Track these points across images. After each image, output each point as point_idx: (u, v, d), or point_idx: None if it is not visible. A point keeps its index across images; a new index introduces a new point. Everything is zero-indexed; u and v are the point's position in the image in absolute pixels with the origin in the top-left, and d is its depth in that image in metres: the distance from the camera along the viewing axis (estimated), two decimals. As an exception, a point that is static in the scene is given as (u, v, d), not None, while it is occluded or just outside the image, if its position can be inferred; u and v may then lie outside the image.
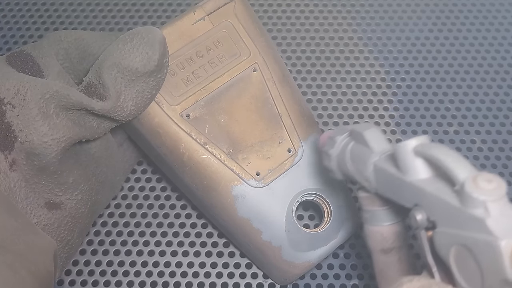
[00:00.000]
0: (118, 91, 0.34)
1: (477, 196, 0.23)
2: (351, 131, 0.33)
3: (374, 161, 0.30)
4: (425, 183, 0.26)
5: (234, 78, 0.39)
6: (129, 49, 0.34)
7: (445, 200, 0.25)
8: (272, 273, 0.41)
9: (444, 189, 0.25)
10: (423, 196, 0.26)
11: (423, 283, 0.25)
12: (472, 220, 0.23)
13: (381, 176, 0.30)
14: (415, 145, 0.27)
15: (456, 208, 0.24)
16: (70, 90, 0.33)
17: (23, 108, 0.32)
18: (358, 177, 0.31)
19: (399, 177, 0.28)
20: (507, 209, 0.23)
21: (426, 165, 0.27)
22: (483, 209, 0.23)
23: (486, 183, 0.23)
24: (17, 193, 0.33)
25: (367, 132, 0.31)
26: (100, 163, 0.38)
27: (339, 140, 0.33)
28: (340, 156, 0.33)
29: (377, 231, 0.32)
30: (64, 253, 0.37)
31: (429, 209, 0.26)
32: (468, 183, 0.23)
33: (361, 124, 0.32)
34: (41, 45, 0.37)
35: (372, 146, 0.30)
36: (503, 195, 0.23)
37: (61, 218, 0.35)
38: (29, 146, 0.32)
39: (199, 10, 0.39)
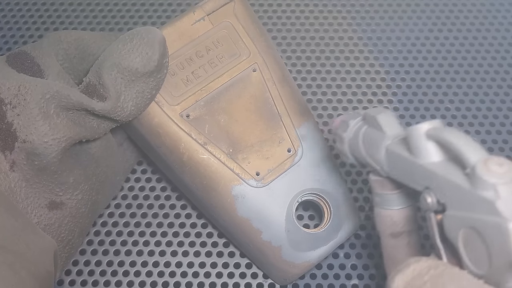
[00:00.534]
0: (118, 92, 0.34)
1: (488, 179, 0.23)
2: (364, 114, 0.33)
3: (386, 145, 0.30)
4: (437, 166, 0.27)
5: (233, 78, 0.39)
6: (129, 50, 0.34)
7: (456, 182, 0.25)
8: (272, 273, 0.41)
9: (455, 172, 0.25)
10: (434, 179, 0.27)
11: (430, 263, 0.25)
12: (482, 202, 0.23)
13: (393, 160, 0.30)
14: (428, 129, 0.27)
15: (467, 191, 0.24)
16: (70, 90, 0.33)
17: (24, 108, 0.32)
18: (370, 161, 0.32)
19: (411, 160, 0.28)
20: None
21: (438, 148, 0.27)
22: (493, 192, 0.23)
23: (497, 166, 0.23)
24: (18, 193, 0.33)
25: (380, 115, 0.31)
26: (100, 163, 0.38)
27: (352, 124, 0.33)
28: (352, 139, 0.33)
29: (388, 215, 0.32)
30: (64, 253, 0.37)
31: (439, 192, 0.26)
32: (479, 166, 0.24)
33: (375, 108, 0.33)
34: (41, 45, 0.37)
35: (385, 129, 0.31)
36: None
37: (62, 218, 0.35)
38: (29, 146, 0.32)
39: (199, 10, 0.39)
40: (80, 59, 0.37)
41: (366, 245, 0.43)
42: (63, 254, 0.37)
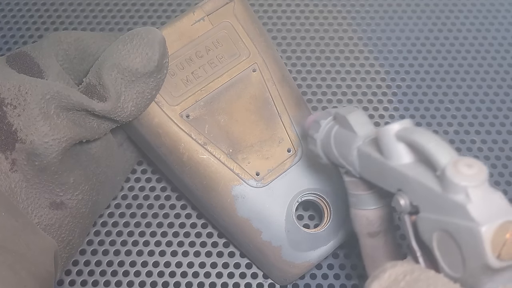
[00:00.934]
0: (118, 92, 0.34)
1: (458, 182, 0.23)
2: (335, 114, 0.32)
3: (358, 146, 0.30)
4: (408, 168, 0.26)
5: (233, 78, 0.39)
6: (129, 50, 0.34)
7: (427, 185, 0.25)
8: (272, 273, 0.41)
9: (426, 174, 0.25)
10: (405, 181, 0.26)
11: (406, 268, 0.25)
12: (453, 205, 0.23)
13: (365, 161, 0.29)
14: (398, 130, 0.27)
15: (438, 194, 0.24)
16: (70, 90, 0.33)
17: (24, 108, 0.32)
18: (342, 162, 0.31)
19: (382, 161, 0.28)
20: (488, 194, 0.23)
21: (409, 149, 0.27)
22: (464, 195, 0.23)
23: (467, 168, 0.23)
24: (18, 193, 0.33)
25: (351, 115, 0.30)
26: (100, 163, 0.38)
27: (323, 124, 0.33)
28: (324, 140, 0.32)
29: (363, 215, 0.32)
30: (65, 253, 0.37)
31: (411, 194, 0.26)
32: (449, 169, 0.23)
33: (345, 107, 0.32)
34: (40, 46, 0.37)
35: (356, 130, 0.30)
36: (484, 180, 0.23)
37: (62, 218, 0.35)
38: (30, 146, 0.32)
39: (199, 11, 0.39)
40: (80, 59, 0.37)
41: (366, 245, 0.43)
42: (63, 254, 0.37)
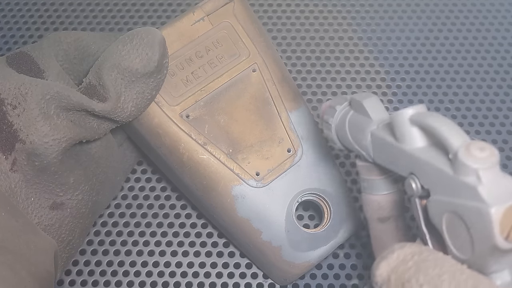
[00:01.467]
0: (118, 92, 0.34)
1: (470, 164, 0.23)
2: (350, 99, 0.33)
3: (372, 130, 0.30)
4: (421, 151, 0.27)
5: (233, 78, 0.39)
6: (128, 50, 0.34)
7: (439, 168, 0.25)
8: (272, 273, 0.41)
9: (439, 158, 0.25)
10: (418, 164, 0.27)
11: (414, 249, 0.25)
12: (464, 187, 0.23)
13: (378, 145, 0.30)
14: (412, 114, 0.27)
15: (449, 176, 0.24)
16: (70, 91, 0.33)
17: (24, 108, 0.32)
18: (356, 147, 0.31)
19: (395, 145, 0.28)
20: (498, 177, 0.23)
21: (422, 133, 0.27)
22: (475, 177, 0.23)
23: (479, 151, 0.23)
24: (18, 193, 0.33)
25: (366, 100, 0.31)
26: (100, 163, 0.38)
27: (339, 109, 0.33)
28: (339, 125, 0.33)
29: (374, 200, 0.32)
30: (65, 253, 0.37)
31: (423, 177, 0.26)
32: (461, 151, 0.24)
33: (361, 93, 0.32)
34: (40, 46, 0.37)
35: (371, 115, 0.31)
36: (495, 163, 0.23)
37: (62, 218, 0.36)
38: (30, 146, 0.32)
39: (199, 11, 0.39)
40: (80, 59, 0.37)
41: (366, 245, 0.43)
42: (63, 254, 0.37)
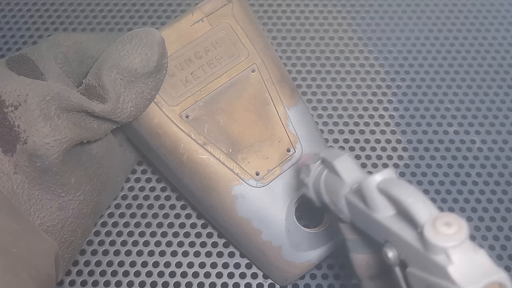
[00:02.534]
0: (117, 93, 0.34)
1: (437, 243, 0.22)
2: (322, 159, 0.31)
3: (345, 193, 0.29)
4: (392, 221, 0.25)
5: (232, 78, 0.39)
6: (128, 51, 0.34)
7: (409, 242, 0.24)
8: (272, 273, 0.41)
9: (408, 230, 0.24)
10: (390, 234, 0.25)
11: None
12: (435, 266, 0.22)
13: (353, 209, 0.28)
14: (379, 182, 0.26)
15: (420, 252, 0.23)
16: (70, 92, 0.33)
17: (25, 110, 0.33)
18: (334, 207, 0.30)
19: (367, 212, 0.27)
20: (469, 254, 0.22)
21: (391, 202, 0.26)
22: (444, 256, 0.22)
23: (446, 227, 0.22)
24: (20, 194, 0.33)
25: (337, 161, 0.29)
26: (102, 164, 0.38)
27: (313, 168, 0.32)
28: (315, 184, 0.32)
29: (362, 258, 0.31)
30: (67, 254, 0.37)
31: (398, 248, 0.25)
32: (427, 229, 0.22)
33: (333, 151, 0.31)
34: (40, 48, 0.37)
35: (343, 176, 0.29)
36: (465, 239, 0.22)
37: (65, 219, 0.36)
38: (31, 147, 0.32)
39: (198, 12, 0.40)
40: (79, 62, 0.37)
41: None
42: (66, 255, 0.37)
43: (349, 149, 0.47)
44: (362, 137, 0.47)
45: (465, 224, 0.22)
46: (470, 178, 0.46)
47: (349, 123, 0.48)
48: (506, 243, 0.43)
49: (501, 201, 0.45)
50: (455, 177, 0.46)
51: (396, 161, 0.46)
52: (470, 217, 0.44)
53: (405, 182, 0.25)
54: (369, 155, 0.47)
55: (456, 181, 0.45)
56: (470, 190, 0.45)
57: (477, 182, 0.45)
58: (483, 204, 0.44)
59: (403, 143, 0.47)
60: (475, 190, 0.45)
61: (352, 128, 0.48)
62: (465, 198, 0.45)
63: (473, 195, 0.45)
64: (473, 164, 0.46)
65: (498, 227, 0.43)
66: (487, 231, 0.43)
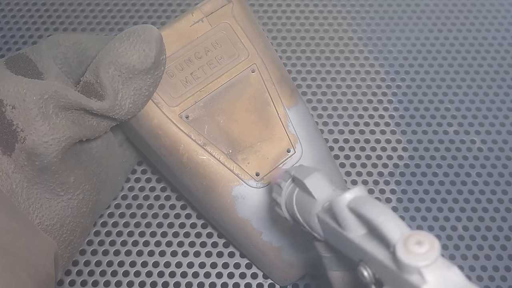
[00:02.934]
0: (115, 90, 0.34)
1: (409, 263, 0.21)
2: (293, 177, 0.31)
3: (317, 212, 0.28)
4: (364, 240, 0.25)
5: (232, 79, 0.39)
6: (125, 47, 0.34)
7: (383, 261, 0.23)
8: (272, 273, 0.41)
9: (381, 249, 0.24)
10: (364, 253, 0.25)
11: None
12: (409, 285, 0.22)
13: (325, 228, 0.28)
14: (349, 200, 0.25)
15: (394, 271, 0.23)
16: (68, 90, 0.33)
17: (23, 108, 0.33)
18: (307, 226, 0.30)
19: (339, 231, 0.26)
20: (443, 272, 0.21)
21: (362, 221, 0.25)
22: (418, 275, 0.21)
23: (417, 246, 0.21)
24: (19, 194, 0.33)
25: (308, 179, 0.29)
26: (101, 163, 0.38)
27: (284, 187, 0.31)
28: (288, 203, 0.31)
29: (338, 276, 0.30)
30: (66, 253, 0.37)
31: (372, 267, 0.25)
32: (399, 248, 0.22)
33: (304, 169, 0.30)
34: (39, 48, 0.37)
35: (314, 194, 0.28)
36: (437, 257, 0.21)
37: (64, 218, 0.36)
38: (30, 146, 0.32)
39: (197, 12, 0.40)
40: (79, 62, 0.37)
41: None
42: (65, 254, 0.37)
43: (349, 149, 0.47)
44: (362, 137, 0.47)
45: (437, 241, 0.22)
46: (470, 178, 0.46)
47: (349, 123, 0.48)
48: (506, 243, 0.43)
49: (501, 201, 0.45)
50: (455, 177, 0.46)
51: (396, 161, 0.46)
52: (470, 217, 0.44)
53: (375, 200, 0.25)
54: (369, 155, 0.47)
55: (456, 181, 0.45)
56: (470, 190, 0.45)
57: (477, 182, 0.45)
58: (483, 204, 0.44)
59: (403, 143, 0.47)
60: (475, 190, 0.45)
61: (352, 128, 0.48)
62: (465, 198, 0.45)
63: (473, 195, 0.45)
64: (473, 164, 0.46)
65: (498, 227, 0.43)
66: (487, 231, 0.43)
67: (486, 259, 0.42)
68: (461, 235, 0.43)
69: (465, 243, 0.43)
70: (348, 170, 0.46)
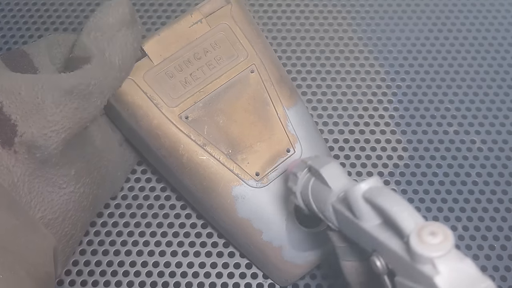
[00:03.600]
0: (101, 49, 0.35)
1: (423, 253, 0.22)
2: (309, 167, 0.31)
3: (332, 202, 0.28)
4: (378, 230, 0.25)
5: (232, 79, 0.39)
6: (100, 15, 0.35)
7: (396, 251, 0.23)
8: (273, 273, 0.41)
9: (395, 239, 0.24)
10: (377, 243, 0.25)
11: None
12: (422, 276, 0.22)
13: (340, 218, 0.28)
14: (364, 191, 0.26)
15: (407, 261, 0.23)
16: (60, 76, 0.34)
17: (20, 102, 0.33)
18: (321, 216, 0.30)
19: (354, 221, 0.26)
20: (456, 264, 0.21)
21: (377, 211, 0.25)
22: (431, 266, 0.22)
23: (431, 237, 0.22)
24: (21, 187, 0.34)
25: (324, 169, 0.29)
26: (102, 156, 0.39)
27: (300, 176, 0.31)
28: (303, 192, 0.31)
29: (352, 265, 0.30)
30: (68, 248, 0.37)
31: (385, 257, 0.25)
32: (413, 239, 0.22)
33: (320, 159, 0.30)
34: (38, 45, 0.38)
35: (330, 184, 0.29)
36: (451, 248, 0.22)
37: (65, 212, 0.36)
38: (30, 139, 0.33)
39: (196, 13, 0.40)
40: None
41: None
42: (66, 248, 0.37)
43: (349, 149, 0.47)
44: (362, 137, 0.47)
45: (451, 233, 0.22)
46: (470, 178, 0.46)
47: (349, 123, 0.48)
48: (506, 243, 0.43)
49: (501, 201, 0.45)
50: (455, 177, 0.46)
51: (396, 161, 0.46)
52: (470, 217, 0.44)
53: (391, 190, 0.25)
54: (369, 155, 0.47)
55: (456, 181, 0.45)
56: (470, 190, 0.45)
57: (477, 182, 0.45)
58: (483, 204, 0.44)
59: (403, 143, 0.47)
60: (475, 190, 0.45)
61: (352, 128, 0.48)
62: (465, 198, 0.45)
63: (473, 195, 0.45)
64: (473, 164, 0.46)
65: (498, 227, 0.43)
66: (487, 231, 0.43)
67: (486, 259, 0.42)
68: (461, 235, 0.43)
69: (465, 243, 0.43)
70: (348, 170, 0.46)
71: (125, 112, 0.38)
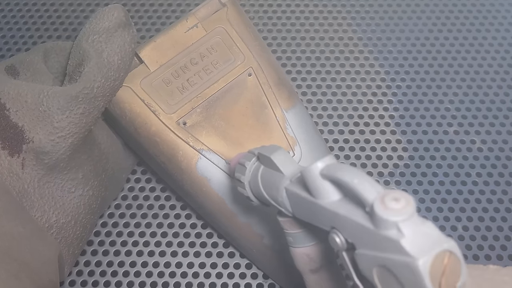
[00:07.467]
0: (99, 50, 0.35)
1: (388, 218, 0.22)
2: (258, 155, 0.31)
3: (286, 186, 0.29)
4: (338, 205, 0.25)
5: (229, 83, 0.39)
6: (95, 20, 0.36)
7: (359, 222, 0.24)
8: (277, 276, 0.41)
9: (356, 211, 0.24)
10: (337, 219, 0.25)
11: None
12: (387, 241, 0.22)
13: (295, 201, 0.28)
14: (321, 168, 0.26)
15: (370, 230, 0.23)
16: (63, 88, 0.34)
17: (26, 110, 0.33)
18: (273, 202, 0.30)
19: (311, 200, 0.27)
20: (419, 226, 0.22)
21: (336, 187, 0.26)
22: (396, 230, 0.22)
23: (394, 202, 0.22)
24: (32, 193, 0.34)
25: (274, 155, 0.30)
26: (109, 159, 0.39)
27: (248, 166, 0.32)
28: (252, 182, 0.31)
29: (303, 252, 0.31)
30: (77, 250, 0.38)
31: (345, 231, 0.25)
32: (377, 205, 0.22)
33: (267, 147, 0.31)
34: (34, 54, 0.38)
35: (282, 169, 0.29)
36: (413, 212, 0.22)
37: (77, 215, 0.36)
38: (37, 145, 0.33)
39: (192, 18, 0.39)
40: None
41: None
42: (76, 251, 0.37)
43: (349, 149, 0.47)
44: (362, 137, 0.47)
45: (412, 198, 0.23)
46: (470, 178, 0.46)
47: (349, 123, 0.48)
48: (506, 243, 0.43)
49: (501, 201, 0.45)
50: (455, 177, 0.46)
51: (396, 161, 0.46)
52: (470, 217, 0.44)
53: (347, 165, 0.26)
54: (369, 155, 0.47)
55: (456, 181, 0.45)
56: (470, 190, 0.45)
57: (477, 182, 0.45)
58: (483, 204, 0.44)
59: (403, 143, 0.47)
60: (475, 190, 0.45)
61: (352, 128, 0.48)
62: (465, 198, 0.45)
63: (473, 195, 0.45)
64: (473, 164, 0.46)
65: (498, 227, 0.44)
66: (487, 231, 0.43)
67: (486, 259, 0.42)
68: (461, 235, 0.43)
69: (465, 243, 0.43)
70: (347, 170, 0.46)
71: (123, 120, 0.38)
